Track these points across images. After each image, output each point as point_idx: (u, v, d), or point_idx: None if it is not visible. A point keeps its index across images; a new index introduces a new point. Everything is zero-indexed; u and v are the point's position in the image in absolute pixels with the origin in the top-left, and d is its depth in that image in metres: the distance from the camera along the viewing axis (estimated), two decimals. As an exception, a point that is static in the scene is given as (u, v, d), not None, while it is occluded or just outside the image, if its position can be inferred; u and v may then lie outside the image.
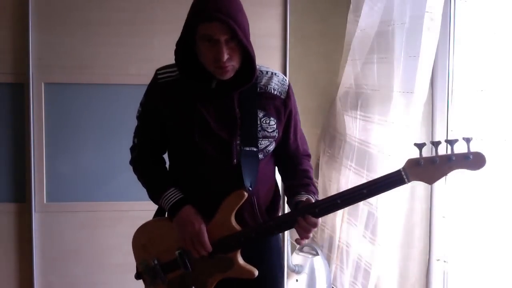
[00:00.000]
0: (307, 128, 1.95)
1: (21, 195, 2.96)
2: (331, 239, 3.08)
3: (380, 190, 1.61)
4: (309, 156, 1.93)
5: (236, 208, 1.71)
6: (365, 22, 2.65)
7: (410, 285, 2.50)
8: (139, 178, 1.88)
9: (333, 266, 3.04)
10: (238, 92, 1.72)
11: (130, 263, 1.90)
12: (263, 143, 1.74)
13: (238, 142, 1.71)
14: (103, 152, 2.98)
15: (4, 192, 2.96)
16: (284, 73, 2.93)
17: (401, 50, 2.35)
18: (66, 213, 2.96)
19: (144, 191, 1.88)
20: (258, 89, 1.76)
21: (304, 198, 1.74)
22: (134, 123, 1.88)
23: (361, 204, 2.62)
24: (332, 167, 3.10)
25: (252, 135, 1.72)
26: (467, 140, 1.49)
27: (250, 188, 1.71)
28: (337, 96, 3.05)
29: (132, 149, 1.89)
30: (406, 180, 1.57)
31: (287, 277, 3.02)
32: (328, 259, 3.07)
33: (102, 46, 2.91)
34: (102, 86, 2.95)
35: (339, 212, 2.92)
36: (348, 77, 2.92)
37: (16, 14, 2.86)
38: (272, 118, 1.75)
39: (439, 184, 2.43)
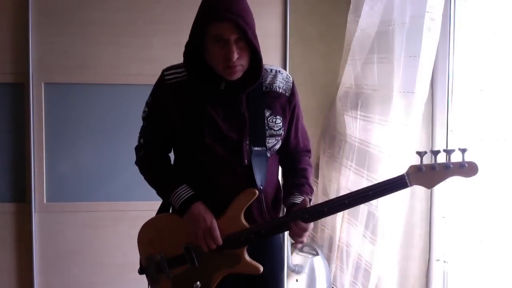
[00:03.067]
0: (307, 128, 1.96)
1: (21, 195, 2.95)
2: (331, 239, 3.08)
3: (384, 193, 1.70)
4: (309, 151, 1.96)
5: (246, 206, 1.75)
6: (365, 22, 2.65)
7: (410, 285, 2.50)
8: (146, 177, 1.88)
9: (333, 266, 3.03)
10: (245, 92, 1.74)
11: (130, 263, 1.90)
12: (271, 141, 1.78)
13: (247, 142, 1.75)
14: (103, 152, 2.98)
15: (4, 192, 2.96)
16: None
17: (401, 50, 2.35)
18: (66, 213, 2.96)
19: (143, 191, 1.88)
20: (264, 88, 1.78)
21: (298, 200, 1.78)
22: (134, 123, 1.87)
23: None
24: (332, 167, 3.10)
25: (260, 135, 1.76)
26: (463, 151, 1.62)
27: (262, 187, 1.76)
28: (337, 96, 3.05)
29: (137, 149, 1.88)
30: (408, 184, 1.67)
31: (287, 277, 3.02)
32: (328, 259, 3.07)
33: (102, 46, 2.91)
34: (102, 86, 2.95)
35: (340, 212, 2.91)
36: (348, 77, 2.92)
37: (16, 14, 2.86)
38: (278, 117, 1.78)
39: (439, 185, 2.42)
